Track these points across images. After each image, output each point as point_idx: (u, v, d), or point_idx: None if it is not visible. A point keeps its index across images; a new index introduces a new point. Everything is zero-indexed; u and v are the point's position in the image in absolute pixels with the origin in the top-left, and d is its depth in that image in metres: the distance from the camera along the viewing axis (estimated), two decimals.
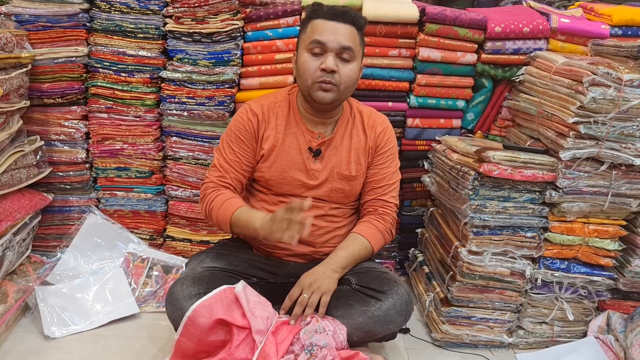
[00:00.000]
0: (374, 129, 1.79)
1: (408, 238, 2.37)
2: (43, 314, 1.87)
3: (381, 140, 1.79)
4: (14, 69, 1.97)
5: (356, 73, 1.67)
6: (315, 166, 1.74)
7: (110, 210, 2.33)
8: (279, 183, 1.75)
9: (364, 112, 1.82)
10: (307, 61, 1.63)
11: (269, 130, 1.74)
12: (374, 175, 1.79)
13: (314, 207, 1.74)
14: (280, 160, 1.73)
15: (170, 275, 2.15)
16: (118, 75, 2.15)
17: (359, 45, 1.67)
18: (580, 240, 1.80)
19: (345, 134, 1.77)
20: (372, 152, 1.79)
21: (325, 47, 1.60)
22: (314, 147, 1.73)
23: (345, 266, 1.67)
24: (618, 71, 1.63)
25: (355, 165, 1.77)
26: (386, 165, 1.80)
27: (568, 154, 1.71)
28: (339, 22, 1.62)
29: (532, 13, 2.18)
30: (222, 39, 2.10)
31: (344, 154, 1.76)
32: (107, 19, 2.10)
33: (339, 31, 1.61)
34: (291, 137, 1.74)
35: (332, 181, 1.75)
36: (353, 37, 1.63)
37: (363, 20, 1.68)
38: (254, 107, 1.77)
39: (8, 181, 1.98)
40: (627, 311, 1.92)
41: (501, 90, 2.20)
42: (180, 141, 2.24)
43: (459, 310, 1.89)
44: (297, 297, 1.57)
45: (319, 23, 1.62)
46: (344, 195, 1.78)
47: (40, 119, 2.20)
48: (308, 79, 1.63)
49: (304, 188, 1.75)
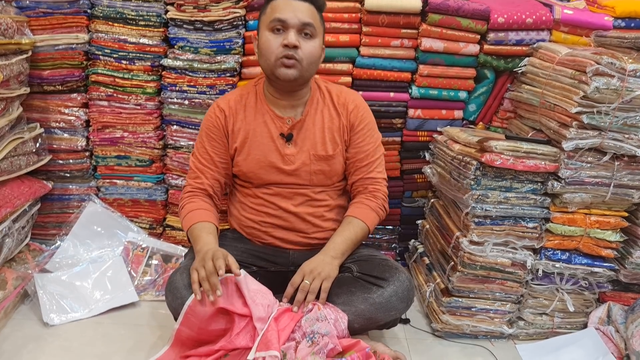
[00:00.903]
0: (345, 106, 1.79)
1: (408, 229, 2.37)
2: (42, 301, 1.87)
3: (355, 118, 1.79)
4: (14, 55, 1.95)
5: (318, 50, 1.68)
6: (289, 151, 1.74)
7: (110, 199, 2.32)
8: (257, 174, 1.76)
9: (332, 91, 1.82)
10: (269, 39, 1.64)
11: (239, 123, 1.76)
12: (357, 155, 1.79)
13: (298, 194, 1.76)
14: (254, 151, 1.75)
15: (170, 264, 2.14)
16: (119, 62, 2.14)
17: (319, 23, 1.69)
18: (582, 232, 1.80)
19: (317, 114, 1.77)
20: (348, 131, 1.79)
21: (286, 24, 1.62)
22: (285, 132, 1.74)
23: (344, 251, 1.68)
24: (622, 61, 1.63)
25: (331, 144, 1.76)
26: (366, 142, 1.80)
27: (571, 144, 1.71)
28: (298, 0, 1.63)
29: (535, 4, 2.17)
30: (224, 27, 2.08)
31: (318, 134, 1.76)
32: (109, 5, 2.08)
33: (299, 8, 1.63)
34: (262, 126, 1.75)
35: (309, 164, 1.75)
36: (313, 14, 1.65)
37: (321, 1, 1.70)
38: (221, 103, 1.79)
39: (7, 168, 1.98)
40: (627, 303, 1.92)
41: (503, 82, 2.19)
42: (180, 130, 2.23)
43: (459, 300, 1.89)
44: (299, 284, 1.57)
45: (279, 2, 1.64)
46: (325, 176, 1.78)
47: (40, 106, 2.19)
48: (271, 56, 1.64)
49: (282, 174, 1.75)
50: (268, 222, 1.78)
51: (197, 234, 1.66)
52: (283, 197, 1.77)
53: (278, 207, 1.77)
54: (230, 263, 1.48)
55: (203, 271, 1.47)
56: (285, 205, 1.76)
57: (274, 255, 1.78)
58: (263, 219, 1.79)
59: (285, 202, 1.77)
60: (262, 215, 1.79)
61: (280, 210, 1.77)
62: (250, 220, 1.81)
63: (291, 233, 1.78)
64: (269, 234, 1.78)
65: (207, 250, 1.54)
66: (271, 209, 1.78)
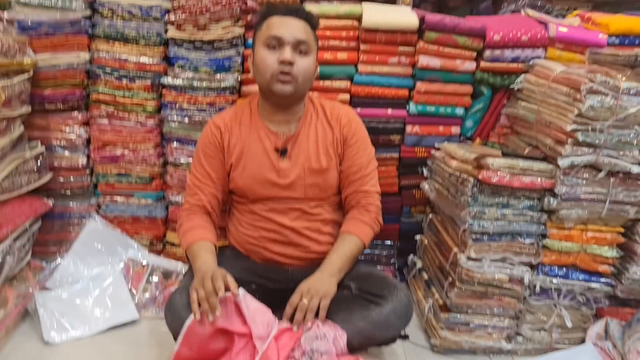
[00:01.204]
0: (338, 121, 1.81)
1: (407, 245, 2.38)
2: (42, 319, 1.88)
3: (348, 131, 1.81)
4: (15, 75, 1.98)
5: (312, 67, 1.72)
6: (284, 165, 1.76)
7: (110, 216, 2.33)
8: (253, 189, 1.78)
9: (326, 106, 1.85)
10: (265, 55, 1.67)
11: (234, 139, 1.79)
12: (350, 168, 1.81)
13: (293, 209, 1.78)
14: (250, 165, 1.77)
15: (170, 281, 2.15)
16: (119, 81, 2.17)
17: (313, 41, 1.73)
18: (579, 247, 1.81)
19: (310, 128, 1.80)
20: (341, 144, 1.81)
21: (282, 41, 1.65)
22: (280, 147, 1.76)
23: (340, 268, 1.69)
24: (615, 79, 1.65)
25: (325, 158, 1.78)
26: (359, 155, 1.82)
27: (566, 161, 1.72)
28: (293, 17, 1.68)
29: (531, 22, 2.20)
30: (223, 46, 2.11)
31: (312, 148, 1.78)
32: (109, 25, 2.11)
33: (294, 25, 1.67)
34: (256, 142, 1.78)
35: (304, 177, 1.77)
36: (307, 32, 1.69)
37: (315, 20, 1.75)
38: (216, 120, 1.83)
39: (9, 187, 1.99)
40: (625, 318, 1.92)
41: (500, 98, 2.21)
42: (180, 147, 2.25)
43: (457, 316, 1.89)
44: (297, 304, 1.58)
45: (275, 19, 1.68)
46: (319, 189, 1.80)
47: (41, 125, 2.21)
48: (267, 72, 1.67)
49: (277, 188, 1.77)
50: (265, 237, 1.80)
51: (195, 253, 1.67)
52: (278, 212, 1.79)
53: (274, 222, 1.79)
54: (229, 282, 1.49)
55: (202, 291, 1.48)
56: (281, 220, 1.78)
57: (272, 272, 1.79)
58: (260, 234, 1.80)
59: (281, 217, 1.78)
60: (259, 230, 1.80)
61: (276, 225, 1.79)
62: (248, 236, 1.82)
63: (289, 247, 1.79)
64: (267, 249, 1.79)
65: (206, 270, 1.55)
66: (268, 224, 1.79)
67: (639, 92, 1.65)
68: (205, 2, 2.06)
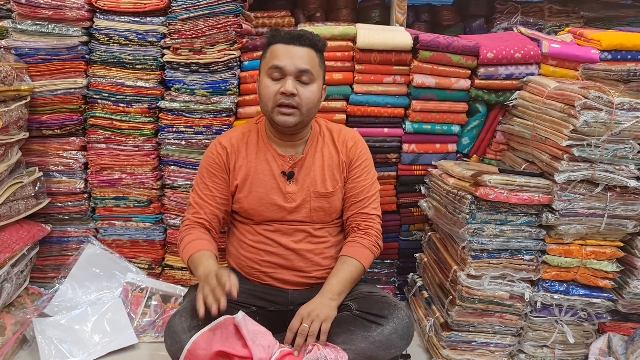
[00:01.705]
0: (345, 144, 1.82)
1: (407, 263, 2.38)
2: (41, 346, 1.86)
3: (354, 154, 1.81)
4: (13, 102, 1.99)
5: (316, 95, 1.70)
6: (290, 189, 1.76)
7: (108, 240, 2.32)
8: (258, 211, 1.77)
9: (333, 129, 1.85)
10: (267, 85, 1.67)
11: (240, 161, 1.78)
12: (352, 190, 1.81)
13: (298, 230, 1.77)
14: (256, 188, 1.76)
15: (169, 305, 2.13)
16: (116, 105, 2.18)
17: (319, 67, 1.70)
18: (578, 262, 1.81)
19: (317, 152, 1.80)
20: (347, 167, 1.81)
21: (283, 71, 1.64)
22: (287, 170, 1.76)
23: (340, 292, 1.67)
24: (609, 94, 1.66)
25: (330, 182, 1.79)
26: (362, 177, 1.82)
27: (563, 176, 1.73)
28: (296, 46, 1.66)
29: (523, 39, 2.22)
30: (219, 68, 2.13)
31: (318, 172, 1.78)
32: (106, 51, 2.13)
33: (296, 54, 1.65)
34: (263, 164, 1.77)
35: (309, 201, 1.77)
36: (311, 59, 1.67)
37: (321, 43, 1.72)
38: (223, 140, 1.81)
39: (6, 213, 1.99)
40: (627, 333, 1.92)
41: (495, 115, 2.23)
42: (178, 170, 2.25)
43: (459, 334, 1.88)
44: (297, 328, 1.56)
45: (277, 48, 1.67)
46: (325, 213, 1.80)
47: (38, 150, 2.21)
48: (269, 103, 1.67)
49: (283, 212, 1.76)
50: (267, 261, 1.78)
51: (197, 262, 1.65)
52: (283, 233, 1.78)
53: (278, 244, 1.77)
54: (233, 282, 1.47)
55: (207, 287, 1.47)
56: (285, 241, 1.77)
57: (272, 294, 1.78)
58: (262, 258, 1.79)
59: (285, 238, 1.77)
60: (260, 253, 1.79)
61: (280, 247, 1.77)
62: (249, 259, 1.81)
63: (290, 272, 1.78)
64: (268, 275, 1.78)
65: (210, 271, 1.54)
66: (270, 247, 1.78)
67: (632, 107, 1.66)
68: (200, 26, 2.08)
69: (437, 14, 3.28)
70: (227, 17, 2.09)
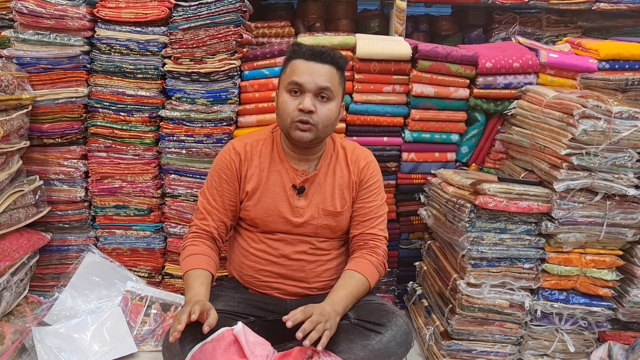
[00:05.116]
0: (357, 163, 1.81)
1: (406, 271, 2.38)
2: (40, 355, 1.85)
3: (365, 174, 1.81)
4: (14, 110, 2.00)
5: (335, 112, 1.69)
6: (299, 203, 1.76)
7: (108, 249, 2.33)
8: (265, 221, 1.77)
9: (347, 148, 1.85)
10: (286, 101, 1.66)
11: (252, 169, 1.77)
12: (361, 209, 1.81)
13: (302, 241, 1.77)
14: (265, 199, 1.76)
15: (169, 313, 2.13)
16: (117, 114, 2.19)
17: (338, 84, 1.69)
18: (578, 271, 1.81)
19: (329, 170, 1.80)
20: (357, 187, 1.81)
21: (303, 88, 1.64)
22: (298, 185, 1.76)
23: (346, 307, 1.64)
24: (607, 103, 1.67)
25: (340, 201, 1.78)
26: (372, 198, 1.81)
27: (562, 185, 1.74)
28: (317, 63, 1.65)
29: (522, 49, 2.24)
30: (219, 78, 2.14)
31: (328, 190, 1.78)
32: (107, 60, 2.15)
33: (317, 71, 1.64)
34: (275, 175, 1.77)
35: (317, 218, 1.76)
36: (332, 77, 1.66)
37: (343, 60, 1.70)
38: (237, 145, 1.80)
39: (7, 221, 1.99)
40: (628, 342, 1.91)
41: (494, 124, 2.24)
42: (178, 178, 2.26)
43: (459, 343, 1.88)
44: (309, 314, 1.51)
45: (298, 63, 1.66)
46: (331, 230, 1.80)
47: (39, 159, 2.22)
48: (287, 118, 1.66)
49: (290, 225, 1.76)
50: (268, 271, 1.78)
51: (190, 282, 1.65)
52: (287, 243, 1.78)
53: (280, 255, 1.77)
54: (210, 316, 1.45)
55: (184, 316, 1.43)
56: (288, 252, 1.77)
57: (271, 304, 1.77)
58: (263, 267, 1.78)
59: (288, 248, 1.77)
60: (262, 263, 1.78)
61: (282, 257, 1.77)
62: (250, 268, 1.80)
63: (290, 283, 1.77)
64: (268, 285, 1.78)
65: (196, 301, 1.51)
66: (273, 257, 1.77)
67: (631, 116, 1.67)
68: (201, 36, 2.10)
69: (436, 24, 3.30)
70: (228, 27, 2.11)
